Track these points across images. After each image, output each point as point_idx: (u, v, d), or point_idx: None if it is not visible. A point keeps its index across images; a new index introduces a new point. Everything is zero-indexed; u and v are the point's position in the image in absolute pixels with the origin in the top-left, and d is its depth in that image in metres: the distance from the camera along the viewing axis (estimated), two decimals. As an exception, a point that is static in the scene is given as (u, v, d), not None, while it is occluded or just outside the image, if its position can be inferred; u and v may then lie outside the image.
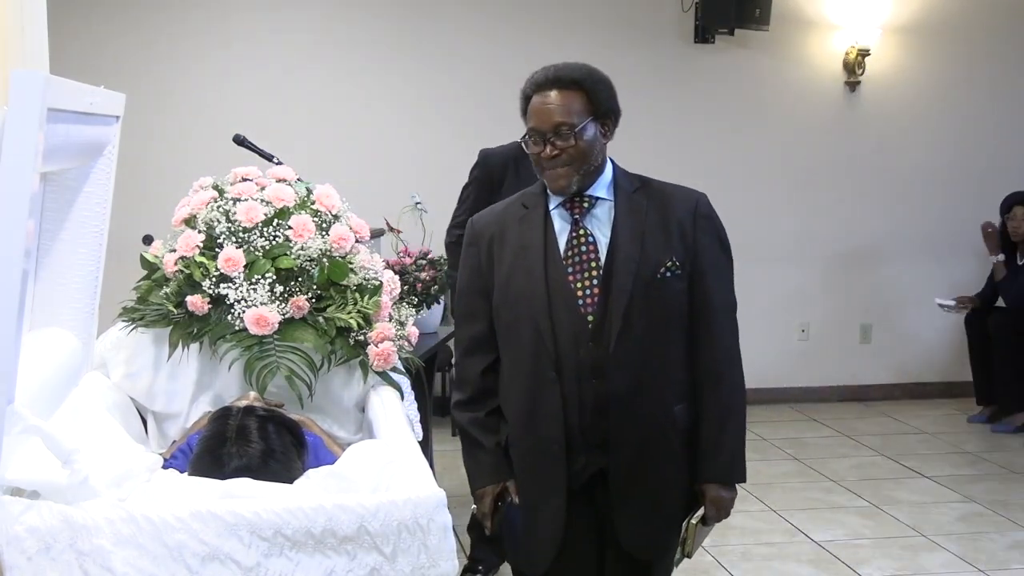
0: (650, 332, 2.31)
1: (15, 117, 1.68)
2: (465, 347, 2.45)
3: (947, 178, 6.78)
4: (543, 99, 2.34)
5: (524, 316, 2.33)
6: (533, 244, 2.35)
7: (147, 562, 1.78)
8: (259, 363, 2.57)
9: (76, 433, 2.15)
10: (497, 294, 2.39)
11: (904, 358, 6.87)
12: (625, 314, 2.28)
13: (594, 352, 2.31)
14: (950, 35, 6.68)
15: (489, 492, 2.41)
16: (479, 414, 2.42)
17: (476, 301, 2.43)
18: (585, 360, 2.31)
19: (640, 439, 2.34)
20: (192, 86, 5.95)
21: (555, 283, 2.32)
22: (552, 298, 2.31)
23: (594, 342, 2.30)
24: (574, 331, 2.31)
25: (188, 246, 2.65)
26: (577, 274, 2.32)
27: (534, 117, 2.33)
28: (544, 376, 2.32)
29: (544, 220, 2.37)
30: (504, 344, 2.40)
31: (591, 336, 2.30)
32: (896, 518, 4.66)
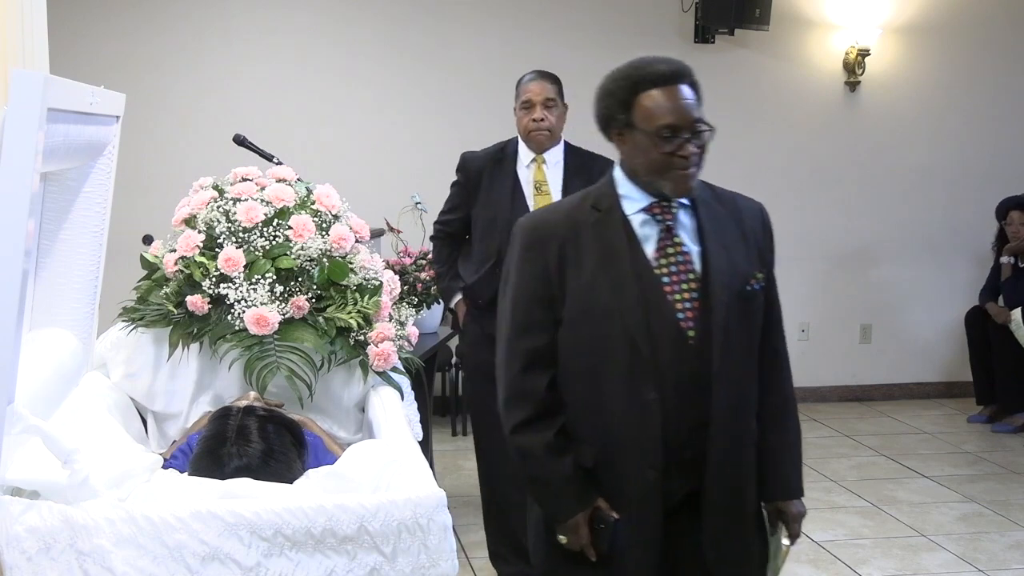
0: (743, 347, 2.18)
1: (15, 117, 1.68)
2: (525, 361, 2.15)
3: (947, 178, 6.78)
4: (678, 93, 2.13)
5: (616, 330, 2.11)
6: (618, 252, 2.13)
7: (147, 562, 1.78)
8: (259, 363, 2.57)
9: (76, 433, 2.15)
10: (574, 305, 2.13)
11: (904, 358, 6.87)
12: (725, 328, 2.13)
13: (697, 368, 2.13)
14: (950, 35, 6.68)
15: (582, 520, 2.13)
16: (548, 435, 2.13)
17: (537, 312, 2.15)
18: (685, 377, 2.13)
19: (736, 458, 2.21)
20: (192, 86, 5.96)
21: (650, 295, 2.12)
22: (649, 311, 2.11)
23: (697, 358, 2.13)
24: (675, 346, 2.12)
25: (188, 246, 2.65)
26: (674, 285, 2.14)
27: (672, 113, 2.11)
28: (642, 395, 2.10)
29: (624, 225, 2.16)
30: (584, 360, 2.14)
31: (694, 351, 2.13)
32: (896, 518, 4.66)
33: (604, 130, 2.20)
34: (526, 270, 2.18)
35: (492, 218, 3.58)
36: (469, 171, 3.68)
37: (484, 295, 3.54)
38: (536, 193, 3.60)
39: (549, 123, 3.57)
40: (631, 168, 2.17)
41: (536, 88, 3.58)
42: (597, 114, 2.20)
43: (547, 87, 3.57)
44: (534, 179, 3.61)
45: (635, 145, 2.13)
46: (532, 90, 3.58)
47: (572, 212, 2.20)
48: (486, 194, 3.63)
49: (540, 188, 3.61)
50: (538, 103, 3.56)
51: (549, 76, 3.62)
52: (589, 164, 3.57)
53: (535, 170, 3.63)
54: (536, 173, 3.63)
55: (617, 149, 2.19)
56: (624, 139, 2.15)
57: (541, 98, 3.57)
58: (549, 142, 3.61)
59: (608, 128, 2.19)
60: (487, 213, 3.61)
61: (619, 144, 2.17)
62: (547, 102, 3.57)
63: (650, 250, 2.15)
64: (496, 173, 3.63)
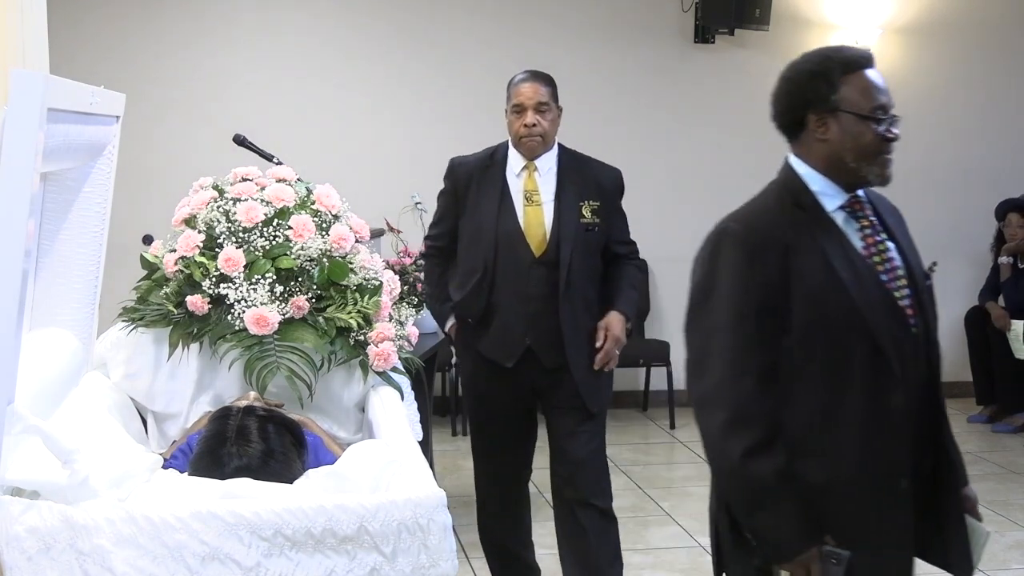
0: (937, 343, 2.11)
1: (15, 117, 1.68)
2: (757, 378, 1.95)
3: (947, 178, 6.78)
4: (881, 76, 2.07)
5: (856, 335, 1.97)
6: (839, 253, 2.00)
7: (147, 562, 1.78)
8: (259, 363, 2.57)
9: (76, 433, 2.15)
10: (803, 313, 1.97)
11: (904, 358, 6.86)
12: (936, 325, 2.07)
13: (924, 370, 2.07)
14: (950, 35, 6.68)
15: (815, 554, 1.94)
16: (780, 460, 1.94)
17: (766, 324, 1.96)
18: (917, 380, 2.04)
19: (957, 459, 2.16)
20: (192, 86, 5.95)
21: (878, 294, 2.01)
22: (885, 312, 2.00)
23: (925, 359, 2.07)
24: (911, 348, 2.02)
25: (188, 246, 2.65)
26: (891, 283, 2.04)
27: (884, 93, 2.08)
28: (889, 403, 1.98)
29: (832, 224, 2.05)
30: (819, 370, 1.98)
31: (922, 351, 2.06)
32: (896, 518, 4.65)
33: (795, 119, 2.06)
34: (747, 279, 1.98)
35: (478, 228, 3.34)
36: (457, 178, 3.43)
37: (473, 312, 3.35)
38: (526, 203, 3.34)
39: (542, 128, 3.29)
40: (828, 157, 2.05)
41: (528, 91, 3.29)
42: (790, 100, 2.06)
43: (540, 89, 3.29)
44: (524, 188, 3.35)
45: (843, 129, 2.03)
46: (524, 93, 3.29)
47: (780, 213, 2.04)
48: (474, 203, 3.37)
49: (531, 198, 3.34)
50: (530, 107, 3.28)
51: (543, 77, 3.34)
52: (584, 168, 3.40)
53: (526, 178, 3.35)
54: (527, 182, 3.36)
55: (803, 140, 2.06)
56: (826, 125, 2.03)
57: (533, 102, 3.28)
58: (541, 148, 3.33)
59: (803, 114, 2.04)
60: (473, 223, 3.36)
61: (817, 131, 2.03)
62: (540, 106, 3.28)
63: (859, 248, 2.04)
64: (484, 180, 3.38)
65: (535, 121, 3.28)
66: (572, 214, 3.31)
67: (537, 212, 3.33)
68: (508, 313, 3.31)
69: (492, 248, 3.30)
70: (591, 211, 3.32)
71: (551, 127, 3.33)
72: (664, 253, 5.68)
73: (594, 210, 3.33)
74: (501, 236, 3.30)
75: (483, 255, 3.31)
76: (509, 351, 3.32)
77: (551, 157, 3.37)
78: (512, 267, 3.30)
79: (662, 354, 6.05)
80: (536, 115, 3.28)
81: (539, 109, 3.28)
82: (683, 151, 6.38)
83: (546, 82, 3.34)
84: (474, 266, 3.34)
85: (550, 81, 3.36)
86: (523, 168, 3.36)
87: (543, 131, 3.30)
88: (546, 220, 3.32)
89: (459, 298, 3.39)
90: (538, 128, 3.28)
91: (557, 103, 3.36)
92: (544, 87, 3.31)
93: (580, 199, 3.33)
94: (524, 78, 3.33)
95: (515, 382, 3.35)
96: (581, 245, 3.30)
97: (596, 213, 3.33)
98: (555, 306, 3.27)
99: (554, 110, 3.34)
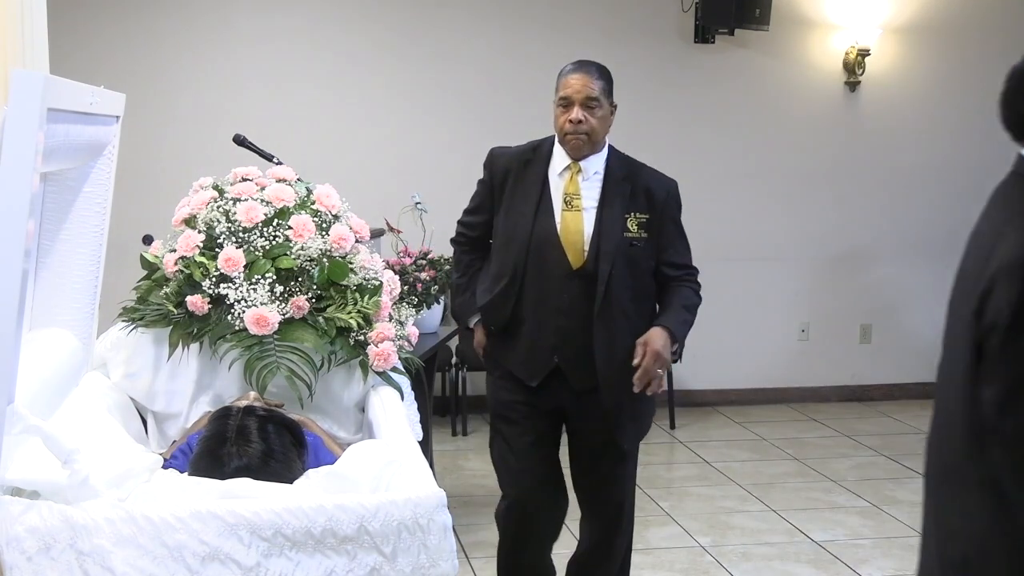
0: None
1: (15, 117, 1.68)
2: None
3: (947, 178, 6.78)
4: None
5: None
6: None
7: (147, 562, 1.78)
8: (259, 363, 2.57)
9: (76, 433, 2.15)
10: None
11: (904, 358, 6.86)
12: None
13: None
14: (950, 35, 6.68)
15: None
16: None
17: None
18: None
19: None
20: (192, 86, 5.95)
21: None
22: None
23: None
24: None
25: (188, 246, 2.65)
26: None
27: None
28: None
29: None
30: None
31: None
32: (896, 518, 4.65)
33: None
34: None
35: (512, 228, 3.05)
36: (495, 169, 3.12)
37: (496, 319, 3.09)
38: (565, 208, 3.02)
39: (589, 126, 2.95)
40: None
41: (576, 83, 2.94)
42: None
43: (590, 83, 2.94)
44: (565, 190, 3.03)
45: None
46: (571, 85, 2.95)
47: None
48: (509, 199, 3.08)
49: (570, 202, 3.02)
50: (577, 101, 2.94)
51: (595, 69, 2.98)
52: (636, 176, 3.06)
53: (568, 180, 3.03)
54: (568, 184, 3.03)
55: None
56: None
57: (582, 96, 2.93)
58: (588, 148, 3.00)
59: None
60: (508, 222, 3.07)
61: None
62: (588, 101, 2.94)
63: None
64: (523, 176, 3.07)
65: (581, 117, 2.94)
66: (616, 225, 3.00)
67: (576, 218, 3.02)
68: (536, 327, 3.04)
69: (523, 253, 3.02)
70: (637, 224, 3.02)
71: (600, 126, 2.99)
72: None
73: (641, 223, 3.02)
74: (535, 241, 3.01)
75: (513, 259, 3.03)
76: (535, 369, 3.06)
77: (599, 160, 3.05)
78: (544, 276, 3.01)
79: (662, 354, 6.05)
80: (583, 111, 2.94)
81: (587, 104, 2.95)
82: (683, 151, 6.38)
83: (599, 74, 2.99)
84: (503, 270, 3.07)
85: (604, 74, 3.01)
86: (566, 168, 3.04)
87: (590, 129, 2.96)
88: (585, 229, 3.01)
89: (484, 303, 3.12)
90: (584, 125, 2.95)
91: (611, 99, 3.02)
92: (596, 80, 2.96)
93: (627, 210, 3.02)
94: (573, 68, 2.99)
95: (541, 399, 3.09)
96: (623, 259, 2.99)
97: (643, 227, 3.03)
98: (589, 323, 2.99)
99: (605, 107, 2.99)
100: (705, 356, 6.45)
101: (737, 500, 4.88)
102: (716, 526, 4.53)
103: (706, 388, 6.54)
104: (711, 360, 6.50)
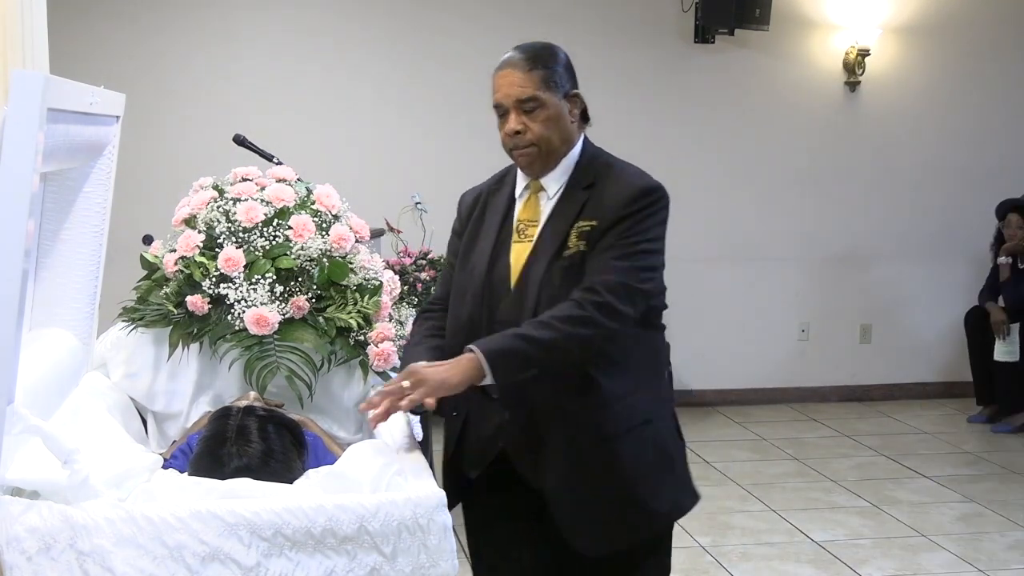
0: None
1: (15, 117, 1.68)
2: None
3: (947, 178, 6.78)
4: None
5: None
6: None
7: (147, 562, 1.78)
8: (259, 363, 2.57)
9: (76, 433, 2.15)
10: None
11: (904, 358, 6.86)
12: None
13: None
14: (950, 35, 6.68)
15: None
16: None
17: None
18: None
19: None
20: (192, 86, 5.95)
21: None
22: None
23: None
24: None
25: (188, 246, 2.65)
26: None
27: None
28: None
29: None
30: None
31: None
32: (896, 518, 4.65)
33: None
34: None
35: (470, 273, 2.31)
36: (462, 213, 2.42)
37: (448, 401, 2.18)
38: (516, 238, 2.27)
39: (533, 134, 2.21)
40: None
41: (503, 83, 2.24)
42: None
43: (520, 78, 2.20)
44: (518, 217, 2.29)
45: None
46: (499, 87, 2.25)
47: None
48: (470, 240, 2.35)
49: (523, 231, 2.27)
50: (510, 106, 2.23)
51: (528, 57, 2.23)
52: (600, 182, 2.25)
53: (522, 204, 2.30)
54: (523, 209, 2.29)
55: None
56: None
57: (512, 99, 2.22)
58: (543, 162, 2.25)
59: None
60: (466, 267, 2.33)
61: None
62: (523, 104, 2.20)
63: None
64: (490, 207, 2.35)
65: (518, 126, 2.22)
66: (550, 245, 2.21)
67: (526, 250, 2.26)
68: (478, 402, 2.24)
69: (478, 299, 2.27)
70: (578, 235, 2.20)
71: (551, 130, 2.22)
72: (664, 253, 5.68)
73: (583, 233, 2.19)
74: (489, 286, 2.27)
75: (468, 307, 2.28)
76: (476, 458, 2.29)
77: (562, 173, 2.27)
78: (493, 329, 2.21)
79: (662, 354, 6.04)
80: (521, 117, 2.22)
81: (523, 108, 2.21)
82: (683, 151, 6.38)
83: (534, 63, 2.22)
84: (457, 325, 2.31)
85: (543, 59, 2.24)
86: (525, 188, 2.32)
87: (535, 138, 2.22)
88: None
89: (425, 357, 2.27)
90: (527, 135, 2.21)
91: (563, 89, 2.24)
92: (529, 72, 2.21)
93: (572, 222, 2.21)
94: (499, 65, 2.28)
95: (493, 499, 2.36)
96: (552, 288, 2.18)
97: (585, 237, 2.19)
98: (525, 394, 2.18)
99: (553, 103, 2.22)
100: (705, 356, 6.45)
101: (737, 500, 4.88)
102: (716, 526, 4.53)
103: (706, 388, 6.54)
104: (711, 360, 6.50)
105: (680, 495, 2.36)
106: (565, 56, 2.30)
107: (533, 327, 2.11)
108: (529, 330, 2.10)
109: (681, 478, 2.39)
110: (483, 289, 2.27)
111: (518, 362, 2.10)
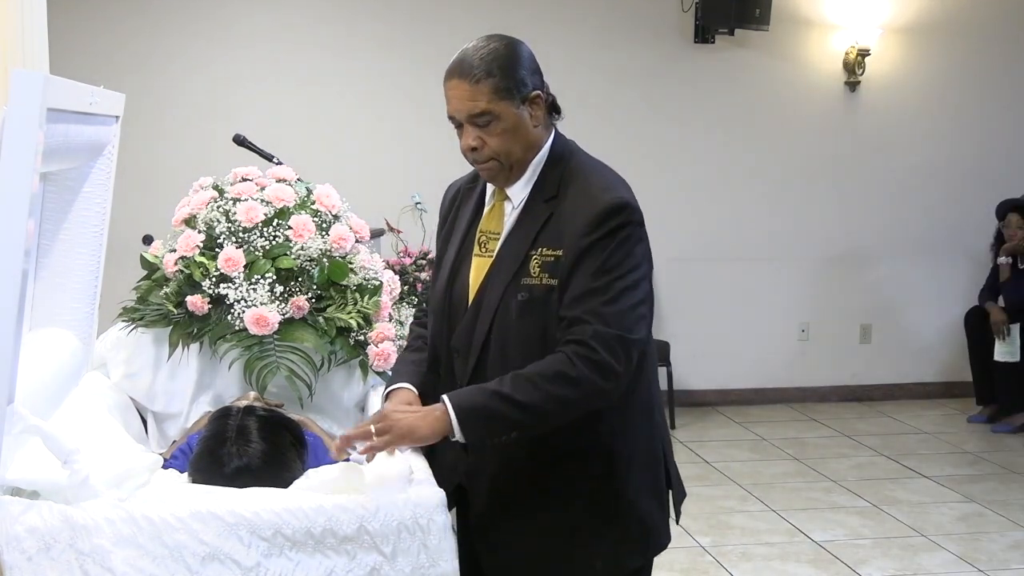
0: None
1: (15, 117, 1.68)
2: None
3: (947, 178, 6.78)
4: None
5: None
6: None
7: (147, 562, 1.78)
8: (259, 363, 2.57)
9: (76, 433, 2.15)
10: None
11: (904, 358, 6.87)
12: None
13: None
14: (950, 35, 6.68)
15: None
16: None
17: None
18: None
19: None
20: (192, 86, 5.96)
21: None
22: None
23: None
24: None
25: (188, 246, 2.65)
26: None
27: None
28: None
29: None
30: None
31: None
32: (896, 518, 4.66)
33: None
34: None
35: (436, 281, 2.20)
36: (443, 210, 2.31)
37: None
38: (477, 251, 2.12)
39: (490, 149, 2.02)
40: None
41: (453, 95, 2.04)
42: None
43: (470, 90, 2.00)
44: (480, 228, 2.14)
45: None
46: (449, 99, 2.05)
47: None
48: (444, 243, 2.25)
49: (485, 244, 2.11)
50: (463, 120, 2.03)
51: (476, 66, 2.00)
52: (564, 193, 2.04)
53: (487, 213, 2.15)
54: (487, 218, 2.14)
55: None
56: None
57: (464, 113, 2.02)
58: (506, 174, 2.07)
59: None
60: (437, 271, 2.23)
61: None
62: (476, 118, 2.01)
63: None
64: (460, 210, 2.22)
65: (476, 142, 2.03)
66: (504, 275, 2.03)
67: (485, 264, 2.09)
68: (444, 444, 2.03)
69: (441, 315, 2.15)
70: (541, 265, 2.00)
71: (509, 143, 2.03)
72: (664, 253, 5.68)
73: (547, 264, 1.99)
74: (449, 301, 2.14)
75: (434, 322, 2.18)
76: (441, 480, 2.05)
77: (529, 181, 2.09)
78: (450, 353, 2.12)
79: (662, 354, 6.04)
80: (475, 131, 2.02)
81: (476, 122, 2.02)
82: (683, 151, 6.38)
83: (480, 74, 1.99)
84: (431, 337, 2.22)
85: (487, 67, 2.00)
86: (492, 195, 2.15)
87: (493, 152, 2.03)
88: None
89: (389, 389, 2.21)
90: (485, 150, 2.03)
91: (519, 95, 2.02)
92: (474, 84, 2.00)
93: (530, 241, 2.02)
94: (446, 73, 2.07)
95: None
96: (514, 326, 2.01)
97: (548, 269, 1.99)
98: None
99: (508, 114, 2.01)
100: (705, 356, 6.45)
101: (737, 500, 4.88)
102: (716, 526, 4.53)
103: (706, 388, 6.54)
104: (711, 360, 6.51)
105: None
106: (519, 52, 2.05)
107: (513, 384, 1.90)
108: (508, 388, 1.89)
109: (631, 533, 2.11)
110: (444, 304, 2.14)
111: (491, 423, 1.92)
